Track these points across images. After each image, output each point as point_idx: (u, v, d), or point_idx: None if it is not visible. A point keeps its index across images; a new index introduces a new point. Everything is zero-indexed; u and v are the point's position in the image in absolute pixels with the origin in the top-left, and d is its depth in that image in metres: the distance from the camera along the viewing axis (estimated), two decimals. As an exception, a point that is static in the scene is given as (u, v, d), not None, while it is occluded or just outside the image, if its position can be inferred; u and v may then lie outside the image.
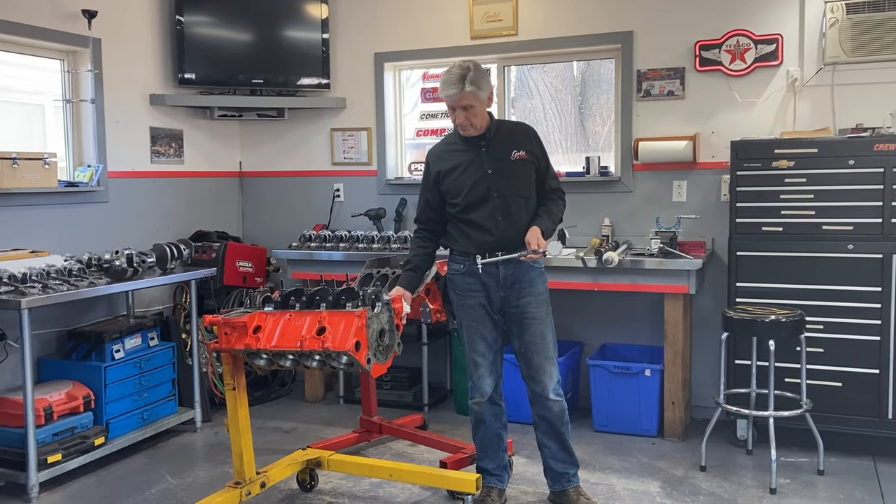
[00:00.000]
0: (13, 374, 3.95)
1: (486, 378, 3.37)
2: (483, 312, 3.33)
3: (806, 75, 4.38)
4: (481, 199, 3.25)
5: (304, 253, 4.99)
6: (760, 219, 4.10)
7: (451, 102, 3.19)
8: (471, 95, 3.15)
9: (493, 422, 3.43)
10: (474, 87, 3.15)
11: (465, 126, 3.24)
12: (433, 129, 5.48)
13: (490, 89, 3.25)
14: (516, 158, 3.28)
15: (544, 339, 3.32)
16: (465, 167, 3.29)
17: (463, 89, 3.14)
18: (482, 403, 3.39)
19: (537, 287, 3.32)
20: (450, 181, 3.32)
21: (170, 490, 3.77)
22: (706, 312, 4.63)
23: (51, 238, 4.30)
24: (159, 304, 5.01)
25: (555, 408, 3.34)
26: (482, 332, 3.35)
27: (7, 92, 4.61)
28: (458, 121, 3.23)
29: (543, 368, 3.31)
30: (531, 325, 3.30)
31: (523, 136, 3.34)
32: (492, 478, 3.47)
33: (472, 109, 3.19)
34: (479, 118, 3.23)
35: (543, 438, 3.42)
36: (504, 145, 3.29)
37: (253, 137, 5.78)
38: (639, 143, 4.62)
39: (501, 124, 3.39)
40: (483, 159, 3.28)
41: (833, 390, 3.99)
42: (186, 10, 5.12)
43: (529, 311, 3.30)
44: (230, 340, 3.17)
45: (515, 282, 3.28)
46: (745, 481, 3.77)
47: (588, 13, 4.82)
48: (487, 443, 3.46)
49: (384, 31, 5.35)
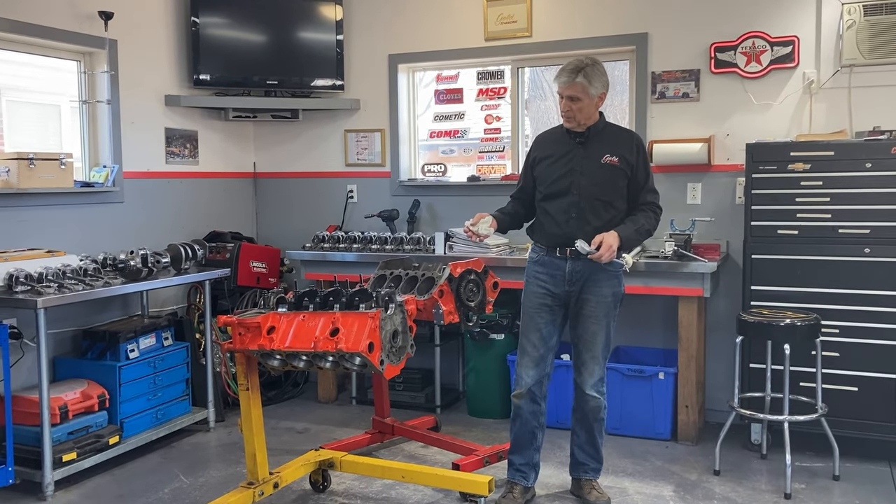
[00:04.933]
0: (29, 372, 3.98)
1: (529, 369, 3.41)
2: (543, 303, 3.40)
3: (822, 77, 4.35)
4: (562, 192, 3.34)
5: (318, 254, 5.00)
6: (776, 222, 4.07)
7: (560, 89, 3.29)
8: (579, 87, 3.23)
9: (530, 419, 3.46)
10: (585, 80, 3.23)
11: (568, 116, 3.31)
12: (447, 131, 5.49)
13: (603, 90, 3.31)
14: (607, 163, 3.32)
15: (595, 337, 3.39)
16: (556, 158, 3.38)
17: (574, 79, 3.23)
18: (522, 397, 3.43)
19: (602, 288, 3.37)
20: (541, 168, 3.44)
21: (183, 489, 3.79)
22: (720, 316, 4.61)
23: (67, 238, 4.33)
24: (173, 304, 5.03)
25: (591, 402, 3.44)
26: (537, 322, 3.42)
27: (24, 93, 4.65)
28: (563, 109, 3.32)
29: (587, 365, 3.42)
30: (586, 321, 3.39)
31: (624, 144, 3.37)
32: (517, 473, 3.51)
33: (578, 102, 3.26)
34: (583, 113, 3.29)
35: (576, 426, 3.54)
36: (600, 147, 3.34)
37: (267, 138, 5.80)
38: (653, 144, 4.61)
39: (608, 127, 3.43)
40: (574, 155, 3.35)
41: (849, 395, 3.96)
42: (202, 11, 5.15)
43: (587, 309, 3.38)
44: (244, 341, 3.18)
45: (581, 278, 3.35)
46: (760, 486, 3.75)
47: (602, 15, 4.81)
48: (521, 438, 3.50)
49: (398, 32, 5.35)
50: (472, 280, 3.68)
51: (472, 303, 3.69)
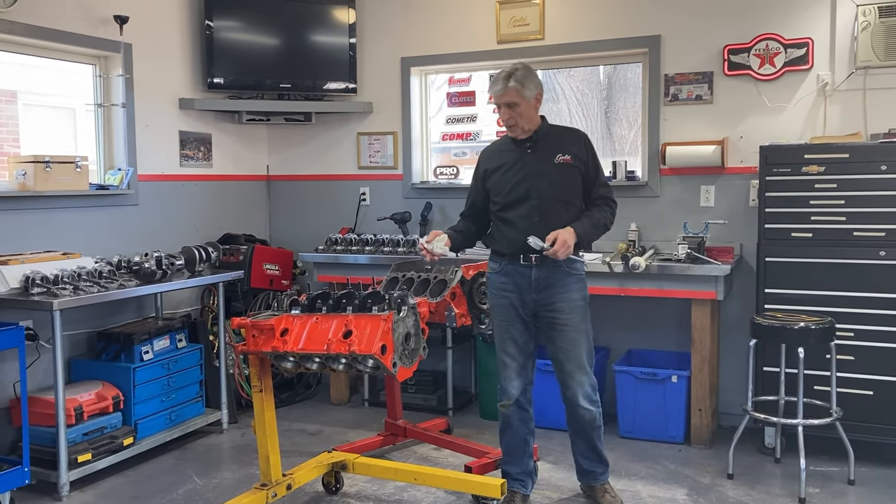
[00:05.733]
0: (45, 374, 4.00)
1: (513, 380, 3.37)
2: (514, 313, 3.34)
3: (837, 79, 4.33)
4: (520, 199, 3.29)
5: (331, 256, 5.02)
6: (790, 224, 4.05)
7: (496, 99, 3.28)
8: (514, 92, 3.22)
9: (520, 426, 3.43)
10: (518, 84, 3.22)
11: (511, 124, 3.29)
12: (459, 134, 5.49)
13: (538, 91, 3.30)
14: (560, 162, 3.29)
15: (576, 345, 3.30)
16: (508, 167, 3.34)
17: (507, 85, 3.22)
18: (509, 406, 3.39)
19: (571, 293, 3.30)
20: (494, 179, 3.38)
21: (197, 491, 3.81)
22: (734, 319, 4.59)
23: (82, 240, 4.36)
24: (187, 306, 5.06)
25: (585, 416, 3.35)
26: (512, 334, 3.36)
27: (41, 96, 4.69)
28: (503, 118, 3.31)
29: (574, 375, 3.31)
30: (563, 331, 3.30)
31: (572, 141, 3.36)
32: (515, 482, 3.46)
33: (516, 108, 3.24)
34: (524, 118, 3.27)
35: (574, 437, 3.47)
36: (550, 148, 3.32)
37: (280, 141, 5.83)
38: (666, 147, 4.59)
39: (552, 129, 3.42)
40: (527, 160, 3.32)
41: (864, 399, 3.93)
42: (216, 15, 5.18)
43: (561, 318, 3.29)
44: (258, 343, 3.20)
45: (548, 286, 3.28)
46: (774, 490, 3.73)
47: (615, 17, 4.80)
48: (513, 447, 3.46)
49: (411, 35, 5.36)
50: (484, 282, 3.68)
51: (484, 305, 3.69)
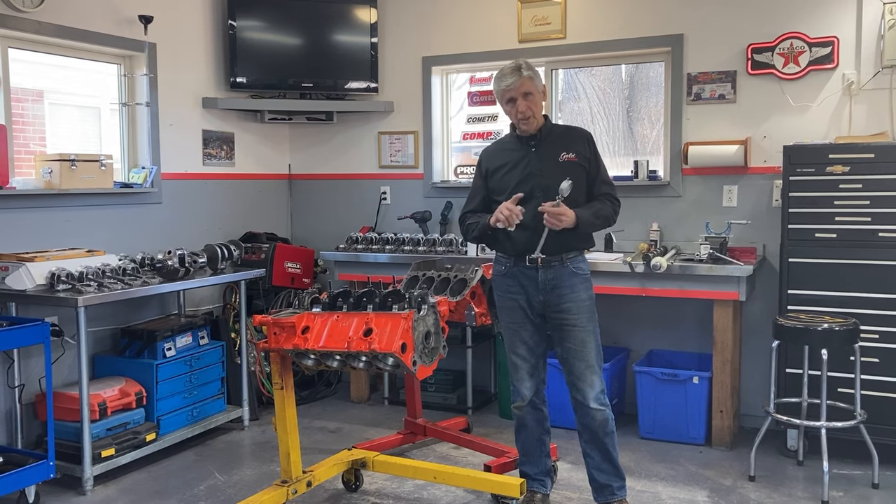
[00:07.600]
0: (70, 369, 4.06)
1: (525, 382, 3.36)
2: (523, 315, 3.31)
3: (863, 79, 4.28)
4: (525, 197, 3.21)
5: (351, 255, 5.04)
6: (814, 225, 4.01)
7: (511, 91, 3.19)
8: (529, 81, 3.18)
9: (535, 427, 3.42)
10: (530, 72, 3.20)
11: (528, 115, 3.21)
12: (479, 133, 5.49)
13: (543, 85, 3.28)
14: (565, 160, 3.25)
15: (585, 346, 3.25)
16: (512, 166, 3.29)
17: (521, 75, 3.18)
18: (523, 407, 3.38)
19: (579, 294, 3.26)
20: (496, 179, 3.32)
21: (218, 487, 3.84)
22: (756, 320, 4.55)
23: (106, 238, 4.42)
24: (209, 304, 5.10)
25: (597, 417, 3.25)
26: (522, 335, 3.33)
27: (66, 95, 4.75)
28: (520, 109, 3.20)
29: (584, 377, 3.24)
30: (571, 332, 3.25)
31: (576, 139, 3.32)
32: (534, 482, 3.46)
33: (531, 98, 3.20)
34: (537, 108, 3.24)
35: (587, 448, 3.33)
36: (554, 147, 3.27)
37: (302, 140, 5.86)
38: (688, 147, 4.56)
39: (555, 127, 3.39)
40: (531, 159, 3.27)
41: (889, 401, 3.89)
42: (238, 15, 5.22)
43: (570, 318, 3.24)
44: (279, 340, 3.22)
45: (555, 286, 3.24)
46: (796, 493, 3.70)
47: (637, 16, 4.78)
48: (529, 447, 3.45)
49: (432, 34, 5.37)
50: (504, 282, 3.67)
51: (504, 305, 3.68)
